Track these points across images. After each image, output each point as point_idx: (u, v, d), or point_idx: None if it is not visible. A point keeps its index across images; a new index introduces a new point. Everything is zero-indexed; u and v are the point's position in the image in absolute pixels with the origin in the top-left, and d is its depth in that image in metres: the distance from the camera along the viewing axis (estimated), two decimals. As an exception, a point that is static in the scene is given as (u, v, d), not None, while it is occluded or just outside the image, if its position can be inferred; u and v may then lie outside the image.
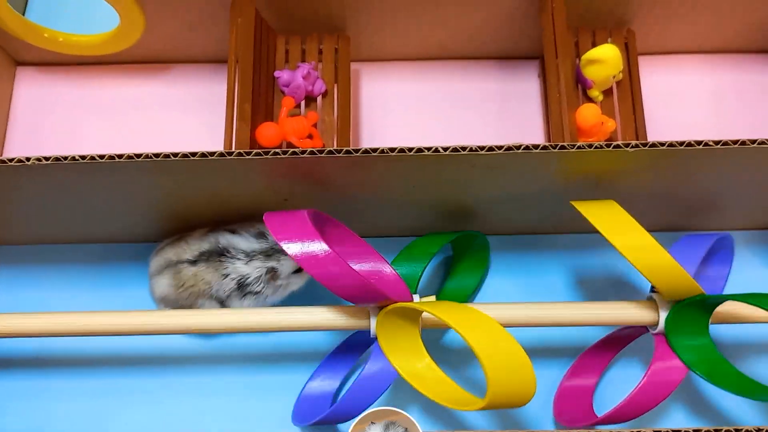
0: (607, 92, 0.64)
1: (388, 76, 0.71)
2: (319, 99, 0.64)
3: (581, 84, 0.63)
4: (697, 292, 0.50)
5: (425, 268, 0.56)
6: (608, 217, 0.50)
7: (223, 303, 0.56)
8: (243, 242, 0.56)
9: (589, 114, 0.58)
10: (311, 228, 0.48)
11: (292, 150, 0.48)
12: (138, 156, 0.48)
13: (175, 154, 0.48)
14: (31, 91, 0.71)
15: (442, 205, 0.58)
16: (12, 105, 0.70)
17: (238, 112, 0.57)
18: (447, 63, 0.71)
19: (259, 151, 0.48)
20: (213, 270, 0.56)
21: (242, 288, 0.56)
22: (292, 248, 0.48)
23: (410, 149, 0.48)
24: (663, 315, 0.52)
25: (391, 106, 0.70)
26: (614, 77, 0.62)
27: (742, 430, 0.44)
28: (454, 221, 0.60)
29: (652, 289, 0.54)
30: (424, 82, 0.71)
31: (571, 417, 0.56)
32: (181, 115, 0.69)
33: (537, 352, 0.60)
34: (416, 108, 0.70)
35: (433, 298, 0.55)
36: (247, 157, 0.48)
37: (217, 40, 0.67)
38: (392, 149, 0.48)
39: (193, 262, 0.56)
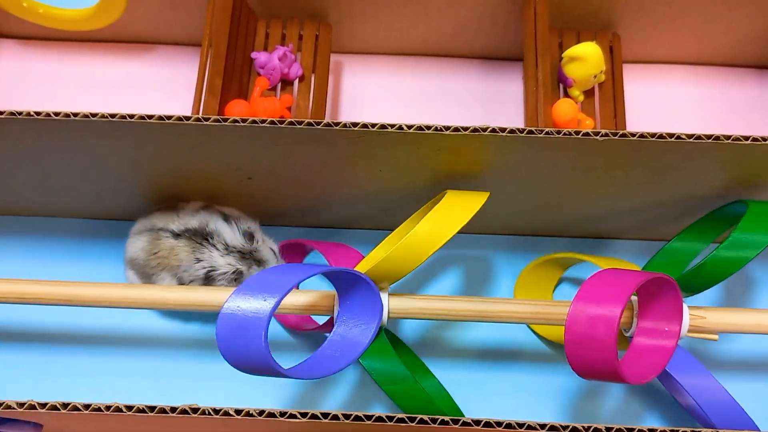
0: (589, 94, 0.64)
1: (370, 69, 0.70)
2: (295, 83, 0.63)
3: (562, 83, 0.62)
4: None
5: None
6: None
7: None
8: (229, 234, 0.54)
9: (565, 108, 0.56)
10: None
11: (252, 119, 0.47)
12: (94, 115, 0.47)
13: (132, 116, 0.47)
14: (11, 63, 0.70)
15: (411, 195, 0.57)
16: (-10, 75, 0.69)
17: (208, 86, 0.56)
18: (430, 59, 0.70)
19: (218, 117, 0.47)
20: (190, 250, 0.54)
21: (208, 280, 0.54)
22: None
23: (373, 125, 0.47)
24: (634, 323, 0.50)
25: (372, 100, 0.69)
26: (595, 77, 0.61)
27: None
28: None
29: None
30: (406, 77, 0.70)
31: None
32: (161, 97, 0.68)
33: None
34: (397, 103, 0.69)
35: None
36: (206, 123, 0.47)
37: (198, 22, 0.66)
38: (354, 124, 0.47)
39: (177, 236, 0.54)
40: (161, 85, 0.69)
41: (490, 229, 0.62)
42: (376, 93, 0.69)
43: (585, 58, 0.60)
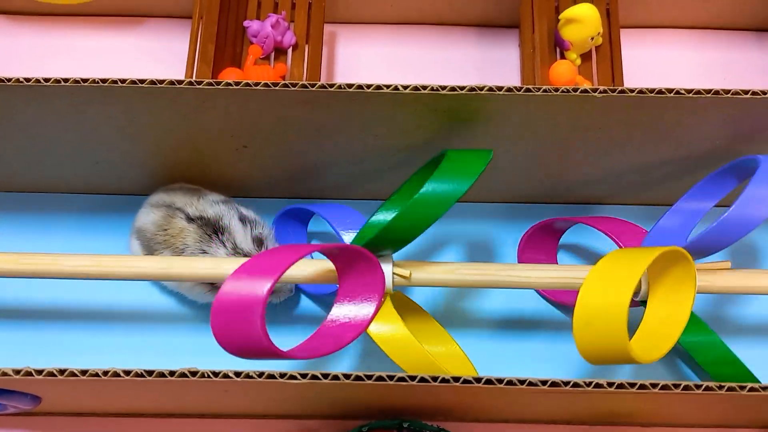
0: (586, 58, 0.63)
1: (365, 39, 0.69)
2: (289, 52, 0.63)
3: (559, 46, 0.62)
4: None
5: None
6: None
7: None
8: (240, 235, 0.53)
9: (563, 69, 0.56)
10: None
11: (245, 81, 0.46)
12: (84, 81, 0.46)
13: (123, 80, 0.46)
14: (0, 39, 0.69)
15: (407, 162, 0.56)
16: (-21, 52, 0.68)
17: (200, 53, 0.55)
18: (425, 28, 0.69)
19: (210, 81, 0.46)
20: (198, 238, 0.53)
21: None
22: None
23: (368, 86, 0.46)
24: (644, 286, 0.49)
25: (368, 71, 0.68)
26: (592, 39, 0.60)
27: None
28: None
29: None
30: (402, 47, 0.69)
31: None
32: (152, 70, 0.67)
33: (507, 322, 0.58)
34: (393, 73, 0.68)
35: (408, 272, 0.50)
36: (198, 86, 0.46)
37: (189, -7, 0.66)
38: (350, 85, 0.46)
39: (190, 220, 0.53)
40: (152, 59, 0.68)
41: (488, 198, 0.61)
42: (372, 63, 0.69)
43: (582, 20, 0.59)
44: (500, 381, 0.39)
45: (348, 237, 0.52)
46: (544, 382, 0.39)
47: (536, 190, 0.60)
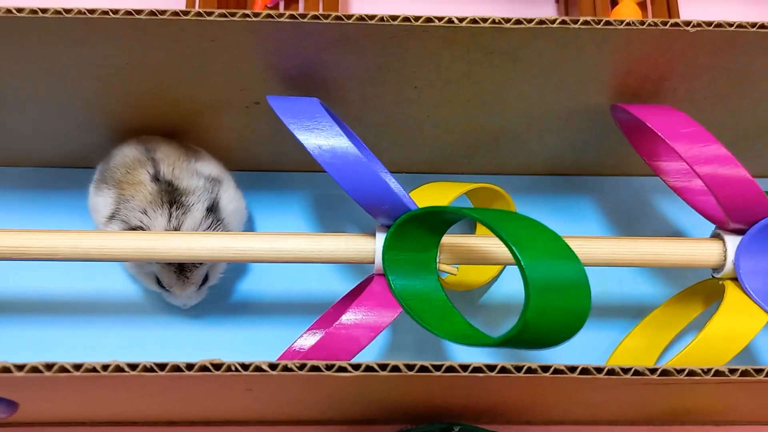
0: (641, 6, 0.56)
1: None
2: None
3: (611, -8, 0.54)
4: None
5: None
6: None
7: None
8: (193, 225, 0.44)
9: (629, 13, 0.48)
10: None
11: (266, 12, 0.38)
12: (44, 11, 0.37)
13: (115, 11, 0.37)
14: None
15: (449, 127, 0.48)
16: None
17: (203, -7, 0.47)
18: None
19: (224, 12, 0.38)
20: (150, 198, 0.44)
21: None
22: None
23: (416, 18, 0.38)
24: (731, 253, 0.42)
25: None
26: (650, -16, 0.53)
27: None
28: (468, 154, 0.51)
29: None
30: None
31: None
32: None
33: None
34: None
35: (455, 268, 0.42)
36: (208, 18, 0.37)
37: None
38: (394, 17, 0.38)
39: (156, 180, 0.44)
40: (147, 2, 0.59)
41: (529, 170, 0.54)
42: (396, 12, 0.61)
43: (641, -40, 0.52)
44: (599, 370, 0.31)
45: (302, 137, 0.41)
46: (620, 370, 0.31)
47: (586, 158, 0.52)
